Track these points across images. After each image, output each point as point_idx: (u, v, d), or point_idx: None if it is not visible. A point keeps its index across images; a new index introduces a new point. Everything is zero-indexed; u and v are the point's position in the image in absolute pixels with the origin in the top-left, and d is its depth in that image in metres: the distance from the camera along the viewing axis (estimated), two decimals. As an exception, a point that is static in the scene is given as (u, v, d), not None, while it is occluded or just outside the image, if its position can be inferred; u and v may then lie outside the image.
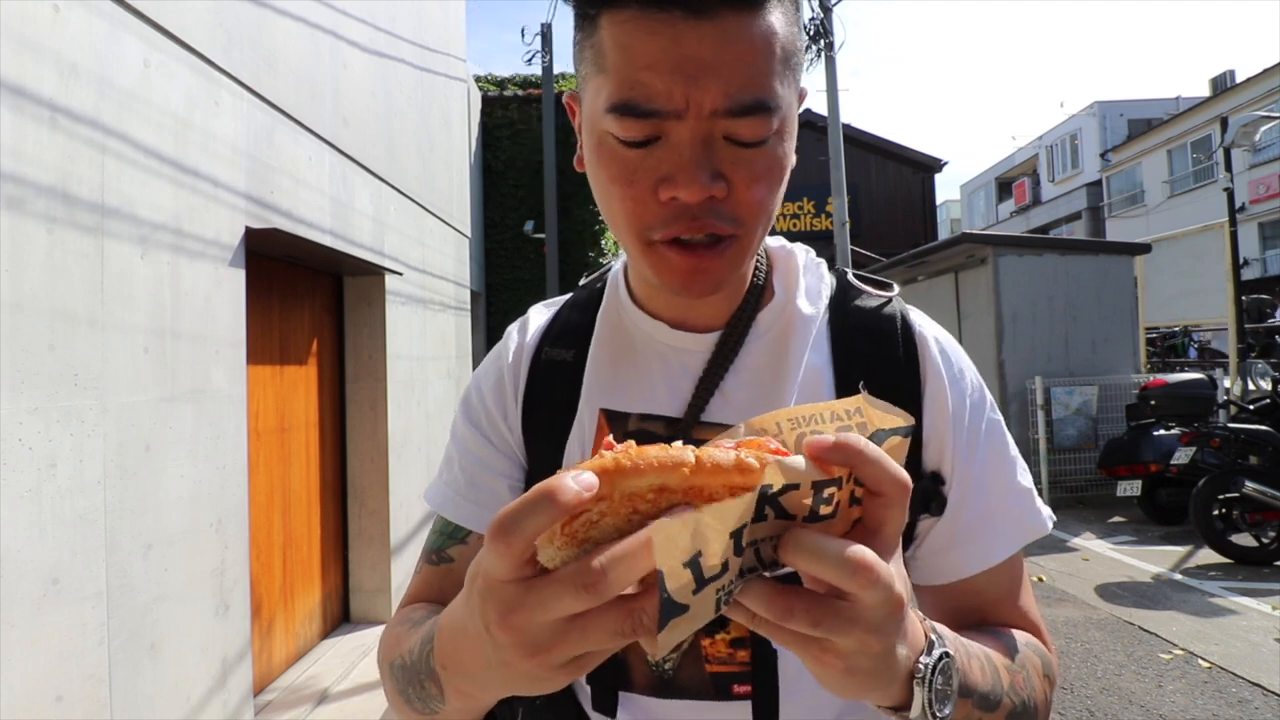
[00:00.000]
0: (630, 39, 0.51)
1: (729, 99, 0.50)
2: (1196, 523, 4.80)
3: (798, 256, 0.71)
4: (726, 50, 0.50)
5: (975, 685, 0.50)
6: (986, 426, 0.65)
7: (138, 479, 2.10)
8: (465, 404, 0.73)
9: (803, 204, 16.69)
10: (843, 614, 0.37)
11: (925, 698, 0.43)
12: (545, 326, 0.73)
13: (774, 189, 0.56)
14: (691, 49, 0.49)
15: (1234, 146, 7.71)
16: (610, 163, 0.54)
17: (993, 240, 7.54)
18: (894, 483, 0.37)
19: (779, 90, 0.53)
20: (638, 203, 0.54)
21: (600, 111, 0.53)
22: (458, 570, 0.67)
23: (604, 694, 0.65)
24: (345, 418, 4.17)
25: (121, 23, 2.08)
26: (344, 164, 3.68)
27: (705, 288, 0.57)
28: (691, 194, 0.52)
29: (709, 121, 0.51)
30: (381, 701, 3.19)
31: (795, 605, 0.36)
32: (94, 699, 1.89)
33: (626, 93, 0.51)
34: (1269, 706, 3.01)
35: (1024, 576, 0.66)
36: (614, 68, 0.52)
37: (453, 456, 0.72)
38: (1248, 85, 18.19)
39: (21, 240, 1.71)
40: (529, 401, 0.69)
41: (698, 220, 0.53)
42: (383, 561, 4.14)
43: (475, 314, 7.56)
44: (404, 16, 4.72)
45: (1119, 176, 23.90)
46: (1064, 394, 6.79)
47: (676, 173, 0.52)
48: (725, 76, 0.50)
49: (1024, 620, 0.64)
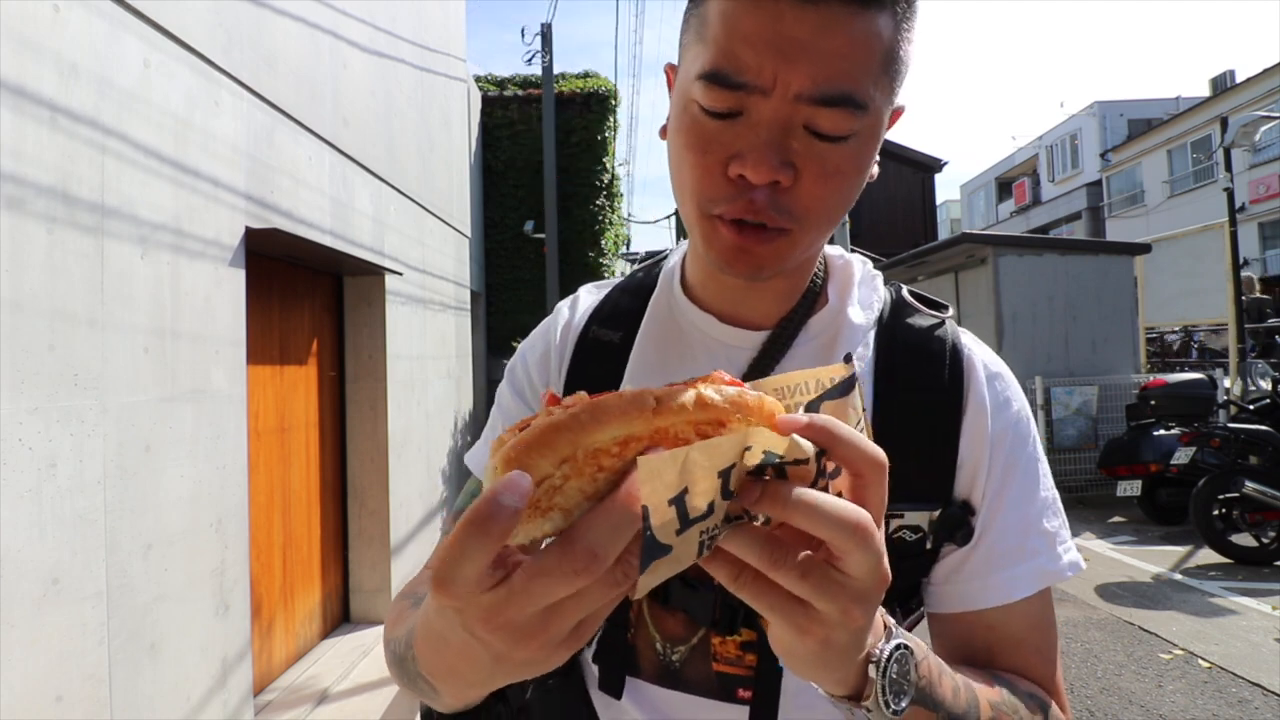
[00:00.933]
0: (734, 11, 0.51)
1: (816, 85, 0.50)
2: (1196, 523, 4.80)
3: (855, 267, 0.71)
4: (825, 37, 0.49)
5: (942, 701, 0.49)
6: (1024, 462, 0.64)
7: (138, 479, 2.10)
8: (510, 373, 0.75)
9: (803, 204, 16.69)
10: (831, 576, 0.36)
11: (880, 684, 0.43)
12: (595, 307, 0.74)
13: (842, 190, 0.55)
14: (790, 28, 0.49)
15: (1234, 146, 7.71)
16: (690, 130, 0.55)
17: (993, 240, 7.54)
18: (870, 463, 0.37)
19: (871, 91, 0.52)
20: (706, 173, 0.55)
21: (691, 78, 0.54)
22: None
23: (611, 677, 0.65)
24: (345, 418, 4.17)
25: (121, 23, 2.08)
26: (344, 164, 3.68)
27: (748, 269, 0.57)
28: (759, 175, 0.52)
29: (792, 105, 0.51)
30: (381, 701, 3.19)
31: (787, 556, 0.36)
32: (94, 699, 1.89)
33: (720, 61, 0.52)
34: (1269, 706, 3.01)
35: (1050, 632, 0.64)
36: (713, 37, 0.52)
37: (496, 422, 0.74)
38: (1248, 85, 18.18)
39: (21, 240, 1.71)
40: (572, 377, 0.70)
41: (755, 205, 0.53)
42: (383, 561, 4.14)
43: (475, 314, 7.56)
44: (404, 16, 4.72)
45: (1119, 176, 23.90)
46: (1064, 394, 6.79)
47: (749, 151, 0.52)
48: (818, 62, 0.50)
49: (1039, 674, 0.62)
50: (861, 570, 0.36)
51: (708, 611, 0.61)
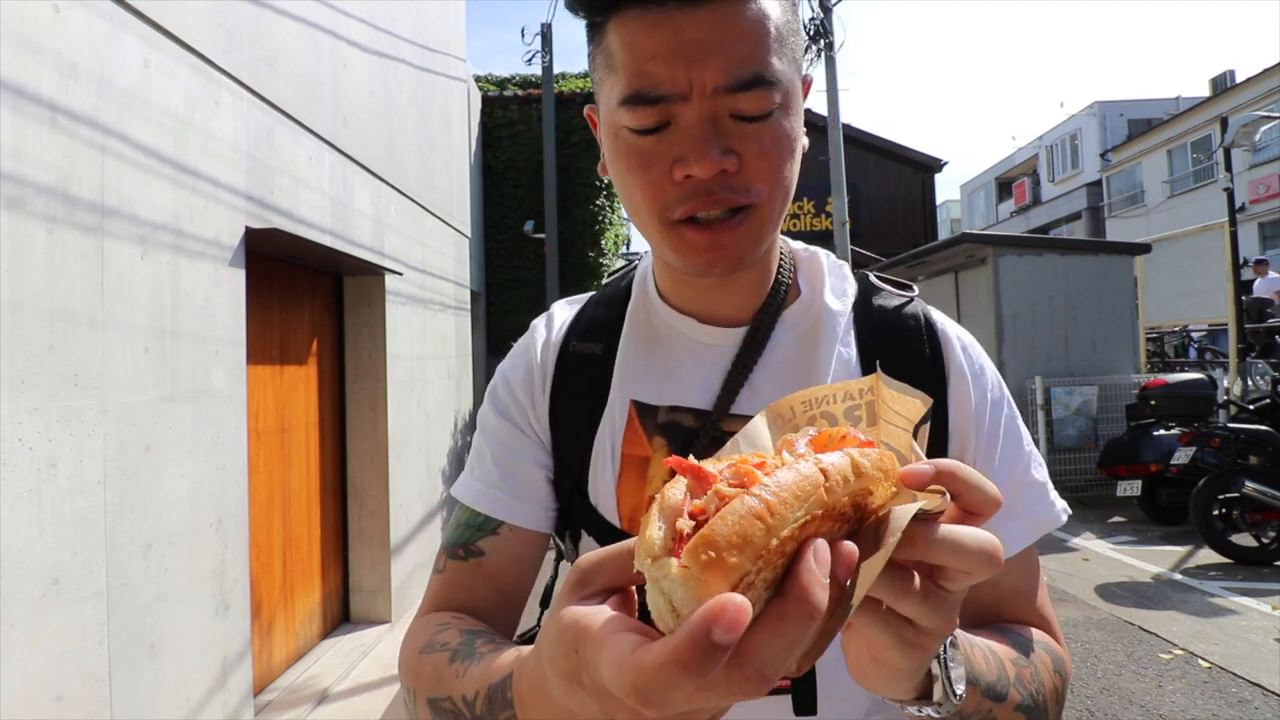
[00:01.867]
0: (634, 35, 0.55)
1: (729, 75, 0.53)
2: (1196, 523, 4.80)
3: (821, 258, 0.73)
4: (722, 32, 0.53)
5: (981, 674, 0.51)
6: (1005, 422, 0.67)
7: (138, 479, 2.10)
8: (493, 397, 0.73)
9: (803, 204, 16.68)
10: (944, 599, 0.38)
11: (944, 677, 0.45)
12: (571, 321, 0.75)
13: (785, 161, 0.58)
14: (690, 34, 0.53)
15: (1234, 146, 7.71)
16: (627, 154, 0.58)
17: (993, 240, 7.54)
18: (994, 504, 0.38)
19: (777, 66, 0.56)
20: (655, 186, 0.57)
21: (614, 108, 0.57)
22: (489, 564, 0.66)
23: None
24: (345, 418, 4.17)
25: (121, 23, 2.08)
26: (344, 164, 3.68)
27: (728, 264, 0.59)
28: (704, 169, 0.54)
29: (713, 100, 0.54)
30: (381, 701, 3.19)
31: (910, 589, 0.37)
32: (94, 699, 1.88)
33: (635, 84, 0.55)
34: (1269, 706, 3.01)
35: (1039, 574, 0.67)
36: (622, 65, 0.56)
37: (484, 450, 0.71)
38: (1248, 85, 18.18)
39: (21, 240, 1.71)
40: (557, 393, 0.70)
41: (713, 195, 0.56)
42: (383, 561, 4.14)
43: (475, 314, 7.56)
44: (404, 16, 4.72)
45: (1119, 176, 23.89)
46: (1064, 394, 6.79)
47: (688, 152, 0.55)
48: (724, 55, 0.53)
49: (1038, 618, 0.65)
50: (961, 591, 0.38)
51: None
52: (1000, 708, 0.53)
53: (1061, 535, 5.72)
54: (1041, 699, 0.57)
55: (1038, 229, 26.39)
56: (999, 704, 0.53)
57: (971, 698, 0.50)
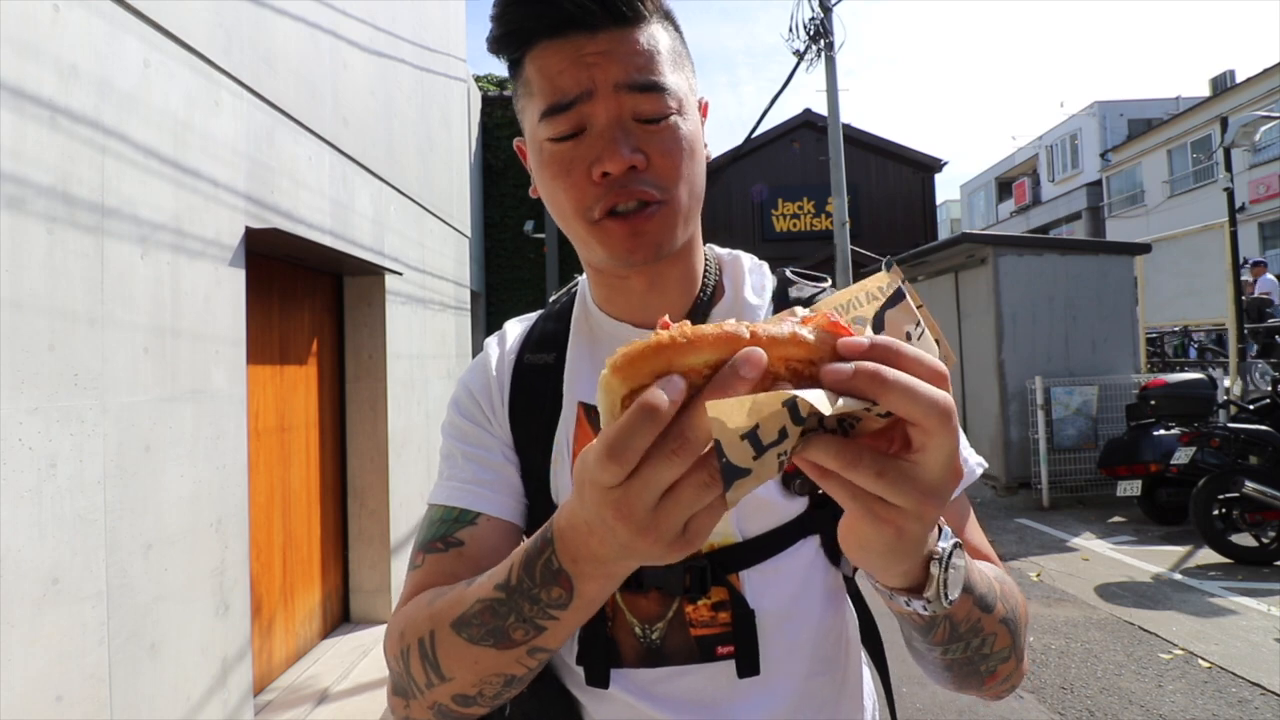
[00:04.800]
0: (545, 61, 0.63)
1: (629, 75, 0.62)
2: (1196, 523, 4.80)
3: (744, 259, 0.80)
4: (619, 46, 0.62)
5: (975, 585, 0.56)
6: None
7: (138, 479, 2.10)
8: (457, 405, 0.78)
9: (803, 204, 16.68)
10: (904, 470, 0.40)
11: (941, 578, 0.48)
12: (524, 336, 0.80)
13: (684, 163, 0.65)
14: (589, 50, 0.62)
15: (1234, 146, 7.71)
16: (550, 163, 0.65)
17: (993, 240, 7.54)
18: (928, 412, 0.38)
19: (670, 77, 0.64)
20: (577, 188, 0.64)
21: (535, 126, 0.65)
22: (469, 552, 0.68)
23: (596, 672, 0.69)
24: (345, 418, 4.17)
25: (121, 23, 2.08)
26: (344, 164, 3.68)
27: (647, 251, 0.65)
28: (616, 165, 0.61)
29: (616, 98, 0.62)
30: (381, 701, 3.19)
31: (863, 456, 0.39)
32: (94, 699, 1.89)
33: (550, 98, 0.63)
34: (1269, 706, 3.01)
35: (970, 516, 0.71)
36: (538, 88, 0.64)
37: (453, 453, 0.75)
38: (1248, 85, 18.18)
39: (21, 240, 1.71)
40: (514, 403, 0.75)
41: (627, 188, 0.63)
42: (383, 561, 4.14)
43: (475, 314, 7.56)
44: (404, 16, 4.72)
45: (1119, 176, 23.90)
46: (1064, 394, 6.79)
47: (602, 151, 0.62)
48: (622, 61, 0.62)
49: (978, 554, 0.69)
50: (936, 462, 0.39)
51: (679, 581, 0.67)
52: (988, 618, 0.58)
53: (1061, 535, 5.72)
54: (1016, 616, 0.62)
55: (1038, 229, 26.39)
56: (986, 614, 0.58)
57: (964, 605, 0.54)
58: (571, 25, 0.62)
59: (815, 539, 0.69)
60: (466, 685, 0.58)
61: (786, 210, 16.67)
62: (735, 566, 0.67)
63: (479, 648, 0.56)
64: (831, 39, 8.87)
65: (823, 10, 8.80)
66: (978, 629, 0.57)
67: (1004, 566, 0.68)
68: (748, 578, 0.67)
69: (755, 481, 0.38)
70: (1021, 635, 0.63)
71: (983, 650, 0.59)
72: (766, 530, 0.68)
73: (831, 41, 8.87)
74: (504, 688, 0.58)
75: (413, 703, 0.61)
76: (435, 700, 0.60)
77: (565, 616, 0.53)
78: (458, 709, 0.60)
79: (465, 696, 0.59)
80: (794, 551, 0.68)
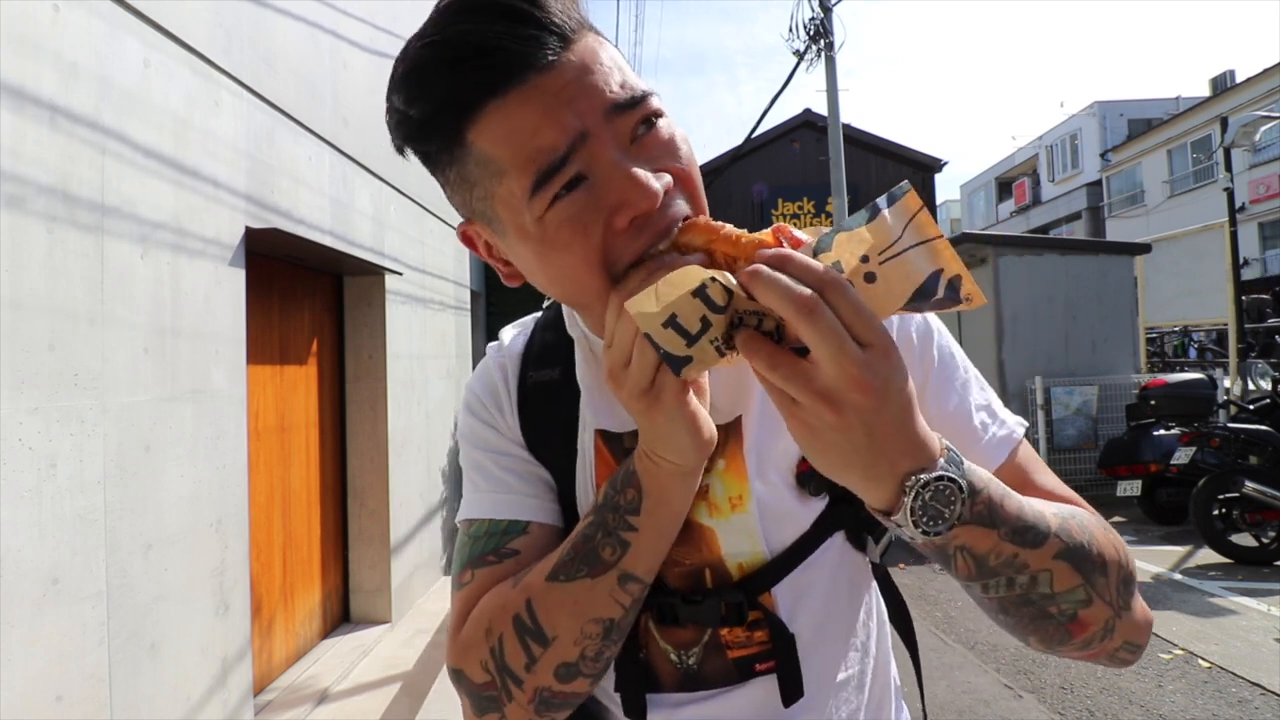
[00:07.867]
0: (508, 125, 0.51)
1: (613, 96, 0.52)
2: (1196, 523, 4.80)
3: None
4: (582, 75, 0.52)
5: (1005, 519, 0.51)
6: (937, 355, 0.68)
7: (138, 479, 2.10)
8: (473, 414, 0.73)
9: (803, 204, 16.68)
10: (799, 368, 0.44)
11: (910, 505, 0.47)
12: (524, 350, 0.75)
13: (692, 158, 0.57)
14: (557, 84, 0.51)
15: (1234, 146, 7.71)
16: (561, 231, 0.52)
17: (993, 240, 7.54)
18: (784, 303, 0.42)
19: (639, 82, 0.55)
20: (598, 249, 0.53)
21: (524, 205, 0.52)
22: (525, 560, 0.66)
23: (633, 700, 0.66)
24: (345, 418, 4.17)
25: (121, 23, 2.08)
26: (344, 164, 3.68)
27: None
28: (651, 201, 0.51)
29: (610, 128, 0.52)
30: (381, 701, 3.19)
31: (761, 348, 0.44)
32: (94, 699, 1.88)
33: (535, 166, 0.51)
34: (1269, 706, 3.01)
35: (1034, 465, 0.67)
36: (510, 161, 0.52)
37: (483, 464, 0.71)
38: (1248, 85, 18.19)
39: (21, 240, 1.71)
40: (526, 420, 0.71)
41: (655, 225, 0.52)
42: (383, 561, 4.14)
43: (475, 313, 7.56)
44: (404, 16, 4.71)
45: (1119, 176, 23.90)
46: (1064, 394, 6.79)
47: (626, 195, 0.51)
48: (597, 84, 0.52)
49: (1052, 498, 0.64)
50: (824, 362, 0.42)
51: (715, 615, 0.65)
52: (1032, 553, 0.52)
53: (1061, 535, 5.72)
54: (1087, 554, 0.55)
55: (1038, 229, 26.40)
56: (1029, 549, 0.52)
57: (981, 536, 0.50)
58: (524, 68, 0.50)
59: (839, 535, 0.68)
60: (568, 645, 0.57)
61: (787, 210, 16.67)
62: (767, 584, 0.66)
63: (575, 584, 0.58)
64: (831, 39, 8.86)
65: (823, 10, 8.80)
66: (1017, 564, 0.52)
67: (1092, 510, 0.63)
68: (780, 594, 0.66)
69: (702, 366, 0.45)
70: (1104, 578, 0.55)
71: (1038, 589, 0.53)
72: (792, 541, 0.66)
73: (831, 41, 8.87)
74: (603, 641, 0.58)
75: (509, 707, 0.59)
76: (537, 685, 0.58)
77: (642, 525, 0.57)
78: (561, 687, 0.58)
79: (567, 665, 0.58)
80: (821, 553, 0.67)
